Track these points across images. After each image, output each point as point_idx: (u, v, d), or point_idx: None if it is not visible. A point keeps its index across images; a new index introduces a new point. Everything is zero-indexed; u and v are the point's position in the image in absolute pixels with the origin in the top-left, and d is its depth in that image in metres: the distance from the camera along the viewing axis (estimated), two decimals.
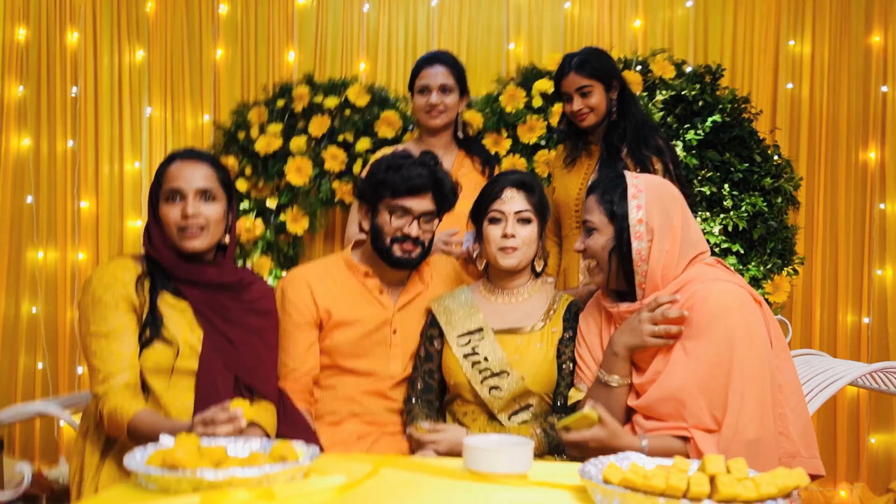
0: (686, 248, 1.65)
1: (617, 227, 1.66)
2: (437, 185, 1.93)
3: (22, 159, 3.43)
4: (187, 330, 1.68)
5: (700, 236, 1.71)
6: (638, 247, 1.63)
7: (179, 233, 1.68)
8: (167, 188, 1.69)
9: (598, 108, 2.28)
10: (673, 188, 1.73)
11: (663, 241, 1.63)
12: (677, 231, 1.64)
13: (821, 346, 3.31)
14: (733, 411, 1.49)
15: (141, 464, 1.24)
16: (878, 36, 3.34)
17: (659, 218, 1.64)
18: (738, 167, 2.98)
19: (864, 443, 3.31)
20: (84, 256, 3.45)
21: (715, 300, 1.55)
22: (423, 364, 1.98)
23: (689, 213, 1.70)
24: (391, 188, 1.89)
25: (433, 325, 1.98)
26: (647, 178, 1.72)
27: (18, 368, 3.42)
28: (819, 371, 2.37)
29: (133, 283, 1.66)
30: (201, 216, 1.68)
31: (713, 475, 1.14)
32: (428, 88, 2.44)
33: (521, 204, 1.87)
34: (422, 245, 1.95)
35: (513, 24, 3.44)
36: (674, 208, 1.66)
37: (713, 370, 1.52)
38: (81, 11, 3.43)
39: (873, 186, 3.35)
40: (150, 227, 1.73)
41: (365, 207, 1.99)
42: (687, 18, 3.40)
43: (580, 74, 2.26)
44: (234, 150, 3.17)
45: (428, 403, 1.97)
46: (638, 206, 1.64)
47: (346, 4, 3.44)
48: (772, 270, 2.99)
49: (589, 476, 1.20)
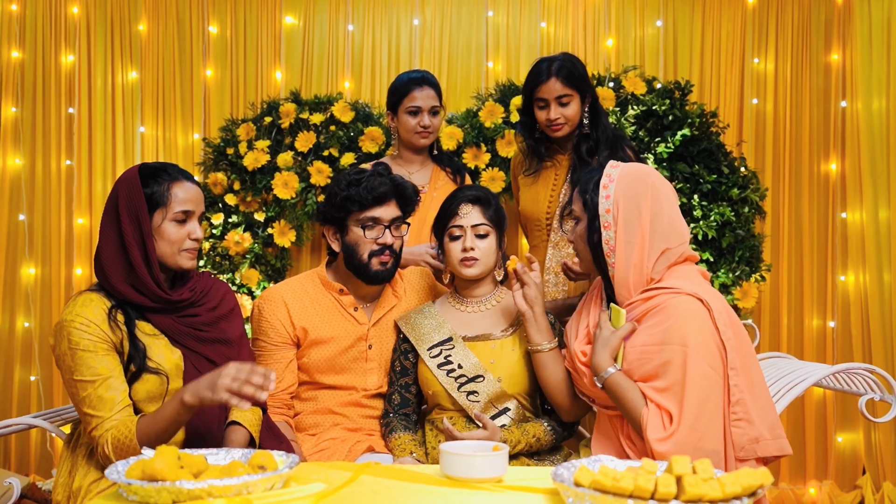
0: (656, 241, 1.64)
1: (590, 217, 1.69)
2: (398, 189, 1.99)
3: (16, 178, 3.51)
4: (168, 352, 1.69)
5: (674, 229, 1.67)
6: (606, 236, 1.64)
7: (182, 252, 1.69)
8: (181, 209, 1.68)
9: (573, 119, 2.23)
10: (650, 179, 1.68)
11: (629, 232, 1.62)
12: (645, 223, 1.63)
13: (788, 349, 3.40)
14: (689, 419, 1.51)
15: (121, 475, 1.24)
16: (836, 54, 3.48)
17: (625, 208, 1.63)
18: (707, 179, 3.11)
19: (831, 442, 3.42)
20: (82, 272, 3.52)
21: (674, 309, 1.59)
22: (398, 378, 2.01)
23: (666, 205, 1.66)
24: (358, 202, 1.94)
25: (406, 341, 2.01)
26: (624, 168, 1.70)
27: (13, 382, 3.48)
28: (785, 373, 2.42)
29: (106, 319, 1.63)
30: (201, 238, 1.74)
31: (679, 476, 1.17)
32: (419, 110, 2.48)
33: (477, 218, 1.93)
34: (395, 254, 2.01)
35: (491, 42, 3.56)
36: (643, 199, 1.64)
37: (664, 353, 1.57)
38: (75, 33, 3.53)
39: (835, 196, 3.46)
40: (107, 257, 1.66)
41: (332, 229, 2.02)
42: (657, 37, 3.53)
43: (561, 82, 2.19)
44: (223, 165, 3.27)
45: (405, 417, 2.01)
46: (607, 196, 1.65)
47: (332, 24, 3.56)
48: (740, 277, 3.11)
49: (561, 479, 1.22)
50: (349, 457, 1.94)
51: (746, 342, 1.63)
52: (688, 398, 1.53)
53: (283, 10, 3.56)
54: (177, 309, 1.72)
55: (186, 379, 1.69)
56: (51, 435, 3.43)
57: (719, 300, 1.63)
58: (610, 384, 1.62)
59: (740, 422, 1.56)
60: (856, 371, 2.36)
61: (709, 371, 1.56)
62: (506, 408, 1.91)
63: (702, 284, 1.66)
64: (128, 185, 1.67)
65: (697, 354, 1.55)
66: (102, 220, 1.71)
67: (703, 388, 1.54)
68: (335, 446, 1.97)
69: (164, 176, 1.70)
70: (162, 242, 1.68)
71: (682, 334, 1.56)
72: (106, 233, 1.68)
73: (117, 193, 1.68)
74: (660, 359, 1.58)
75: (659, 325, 1.60)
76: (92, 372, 1.59)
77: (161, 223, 1.68)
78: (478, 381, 1.90)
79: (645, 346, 1.61)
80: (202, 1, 3.56)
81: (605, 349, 1.63)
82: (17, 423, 2.00)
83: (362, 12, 3.56)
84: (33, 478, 3.44)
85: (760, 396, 1.59)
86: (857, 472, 3.41)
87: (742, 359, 1.59)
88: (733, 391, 1.55)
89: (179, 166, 1.76)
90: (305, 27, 3.57)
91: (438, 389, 1.93)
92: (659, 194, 1.67)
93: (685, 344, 1.55)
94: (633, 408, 1.59)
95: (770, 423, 1.58)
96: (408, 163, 2.57)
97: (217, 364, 1.72)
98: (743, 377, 1.57)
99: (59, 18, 3.52)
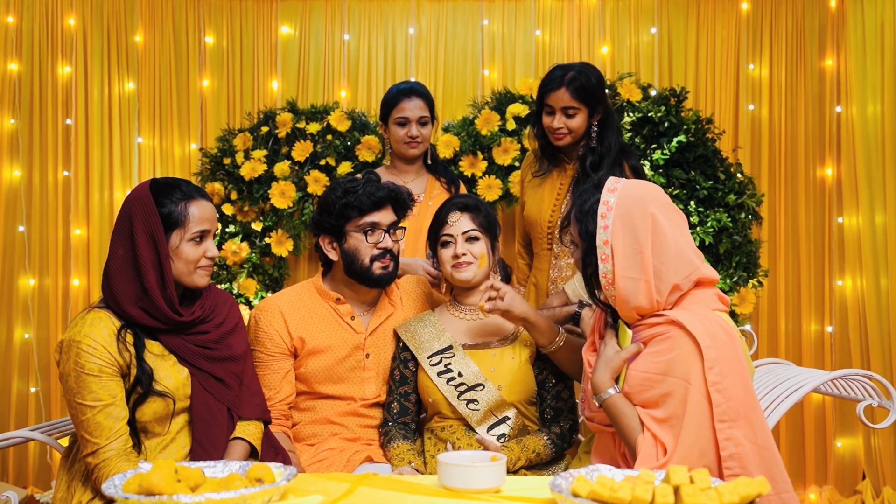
0: (666, 276, 1.55)
1: (585, 247, 1.62)
2: (394, 194, 2.02)
3: (13, 189, 3.52)
4: (175, 372, 1.69)
5: (682, 260, 1.57)
6: (603, 269, 1.57)
7: (197, 271, 1.69)
8: (198, 229, 1.67)
9: (577, 131, 2.25)
10: (650, 207, 1.57)
11: (629, 267, 1.54)
12: (647, 258, 1.54)
13: (786, 354, 3.40)
14: (680, 458, 1.47)
15: (118, 489, 1.24)
16: (830, 59, 3.49)
17: (623, 239, 1.55)
18: (703, 185, 3.11)
19: (830, 447, 3.42)
20: (79, 283, 3.53)
21: (681, 341, 1.52)
22: (398, 387, 2.01)
23: (671, 235, 1.57)
24: (357, 207, 1.96)
25: (405, 349, 2.01)
26: (622, 194, 1.59)
27: (11, 393, 3.48)
28: (783, 379, 2.41)
29: (114, 341, 1.61)
30: (217, 256, 1.74)
31: (677, 486, 1.16)
32: (407, 121, 2.52)
33: (467, 224, 1.95)
34: (395, 257, 2.03)
35: (487, 50, 3.58)
36: (643, 231, 1.55)
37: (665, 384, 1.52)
38: (72, 44, 3.54)
39: (831, 201, 3.47)
40: (118, 280, 1.62)
41: (328, 238, 2.03)
42: (652, 44, 3.55)
43: (570, 94, 2.20)
44: (220, 175, 3.27)
45: (404, 426, 2.00)
46: (605, 226, 1.57)
47: (328, 34, 3.57)
48: (738, 283, 3.11)
49: (559, 489, 1.21)
50: (347, 467, 1.94)
51: (746, 388, 1.52)
52: (684, 434, 1.48)
53: (280, 20, 3.58)
54: (187, 329, 1.71)
55: (193, 397, 1.70)
56: (49, 447, 3.43)
57: (720, 339, 1.51)
58: (608, 406, 1.59)
59: (735, 478, 1.46)
60: (854, 377, 2.35)
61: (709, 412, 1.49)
62: (505, 416, 1.91)
63: (706, 317, 1.54)
64: (142, 205, 1.63)
65: (699, 392, 1.49)
66: (113, 241, 1.67)
67: (702, 427, 1.48)
68: (333, 456, 1.97)
69: (177, 194, 1.67)
70: (179, 262, 1.66)
71: (686, 370, 1.50)
72: (117, 254, 1.65)
73: (131, 214, 1.64)
74: (661, 389, 1.53)
75: (664, 353, 1.54)
76: (93, 397, 1.58)
77: (179, 244, 1.66)
78: (478, 389, 1.91)
79: (648, 373, 1.56)
80: (198, 11, 3.57)
81: (607, 369, 1.60)
82: (16, 437, 2.00)
83: (358, 21, 3.57)
84: (31, 490, 3.43)
85: (764, 448, 1.49)
86: (856, 477, 3.40)
87: (739, 408, 1.49)
88: (724, 445, 1.46)
89: (190, 182, 1.73)
90: (301, 37, 3.58)
91: (438, 398, 1.93)
92: (660, 225, 1.56)
93: (688, 380, 1.50)
94: (628, 433, 1.56)
95: (773, 476, 1.47)
96: (402, 173, 2.59)
97: (224, 382, 1.74)
98: (739, 429, 1.47)
99: (56, 30, 3.53)
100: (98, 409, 1.58)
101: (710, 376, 1.48)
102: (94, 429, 1.58)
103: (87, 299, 3.53)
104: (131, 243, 1.63)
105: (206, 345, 1.73)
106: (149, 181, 1.70)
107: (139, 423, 1.66)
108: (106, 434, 1.58)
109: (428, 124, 2.56)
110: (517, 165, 3.18)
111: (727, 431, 1.47)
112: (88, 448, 1.59)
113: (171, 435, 1.70)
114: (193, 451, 1.69)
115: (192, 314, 1.70)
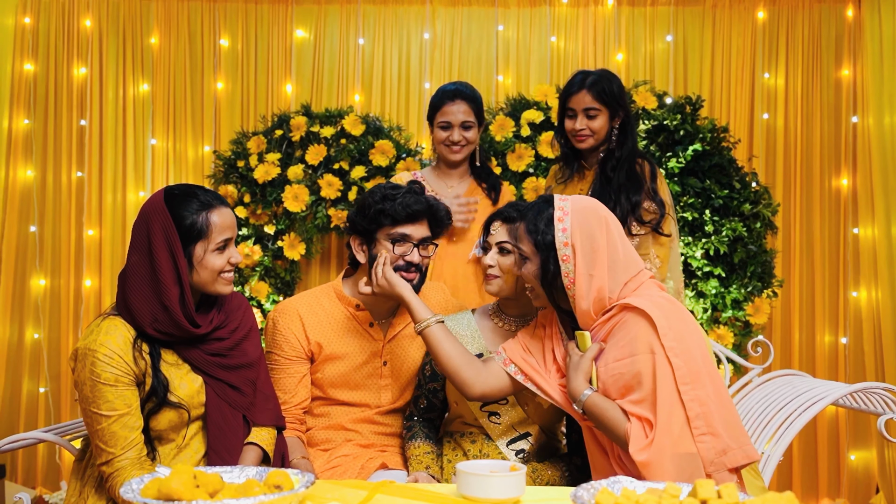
0: (617, 272, 1.65)
1: (542, 256, 1.66)
2: (431, 210, 1.98)
3: (27, 190, 3.53)
4: (190, 381, 1.67)
5: (630, 259, 1.69)
6: (565, 269, 1.64)
7: (220, 278, 1.66)
8: (222, 238, 1.64)
9: (599, 132, 2.29)
10: (601, 209, 1.70)
11: (589, 265, 1.63)
12: (602, 255, 1.64)
13: (800, 365, 3.39)
14: (663, 424, 1.51)
15: (136, 494, 1.23)
16: (847, 69, 3.48)
17: (581, 241, 1.64)
18: (719, 194, 3.10)
19: (844, 460, 3.39)
20: (91, 283, 3.53)
21: (635, 320, 1.60)
22: (427, 382, 1.99)
23: (618, 236, 1.68)
24: (391, 217, 1.93)
25: None
26: (575, 200, 1.70)
27: (22, 394, 3.48)
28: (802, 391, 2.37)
29: (130, 350, 1.59)
30: (240, 262, 1.72)
31: (704, 500, 1.14)
32: (450, 125, 2.46)
33: (502, 235, 1.92)
34: (421, 271, 1.99)
35: (501, 56, 3.57)
36: (599, 230, 1.65)
37: (633, 365, 1.58)
38: (88, 46, 3.55)
39: (846, 212, 3.45)
40: (137, 296, 1.59)
41: (359, 240, 2.00)
42: (667, 52, 3.54)
43: (591, 96, 2.26)
44: (234, 178, 3.28)
45: (429, 422, 1.99)
46: (563, 229, 1.64)
47: (343, 38, 3.58)
48: (752, 293, 3.10)
49: (581, 501, 1.18)
50: (362, 474, 1.92)
51: (702, 352, 1.60)
52: (660, 401, 1.53)
53: (294, 24, 3.58)
54: (203, 340, 1.68)
55: (208, 405, 1.68)
56: (58, 448, 3.44)
57: (669, 311, 1.61)
58: (589, 406, 1.61)
59: (704, 436, 1.53)
60: (874, 390, 2.33)
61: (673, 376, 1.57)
62: (527, 433, 1.89)
63: (652, 297, 1.64)
64: (160, 220, 1.59)
65: (664, 358, 1.56)
66: (130, 257, 1.63)
67: (672, 390, 1.54)
68: (347, 463, 1.96)
69: (195, 204, 1.62)
70: (203, 272, 1.63)
71: (648, 342, 1.57)
72: (136, 271, 1.61)
73: (149, 229, 1.59)
74: (631, 370, 1.58)
75: (624, 337, 1.61)
76: (109, 406, 1.57)
77: (203, 255, 1.62)
78: (502, 403, 1.88)
79: (616, 360, 1.61)
80: (214, 14, 3.58)
81: (578, 374, 1.64)
82: (28, 438, 1.99)
83: (373, 26, 3.58)
84: (40, 490, 3.43)
85: (723, 406, 1.57)
86: (870, 490, 3.38)
87: (699, 370, 1.57)
88: (690, 406, 1.54)
89: (206, 188, 1.69)
90: (316, 41, 3.58)
91: (462, 404, 1.92)
92: (611, 226, 1.68)
93: (652, 350, 1.56)
94: (615, 426, 1.58)
95: (734, 431, 1.56)
96: (446, 175, 2.56)
97: (239, 389, 1.72)
98: (701, 389, 1.55)
99: (72, 31, 3.55)
100: (113, 419, 1.57)
101: (667, 342, 1.57)
102: (108, 438, 1.57)
103: (98, 300, 3.53)
104: (149, 259, 1.59)
105: (221, 353, 1.71)
106: (162, 192, 1.64)
107: (153, 432, 1.65)
108: (121, 444, 1.57)
109: (473, 128, 2.49)
110: (531, 172, 3.18)
111: (691, 393, 1.54)
112: (103, 457, 1.58)
113: (186, 440, 1.69)
114: (209, 457, 1.68)
115: (210, 323, 1.68)
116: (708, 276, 3.09)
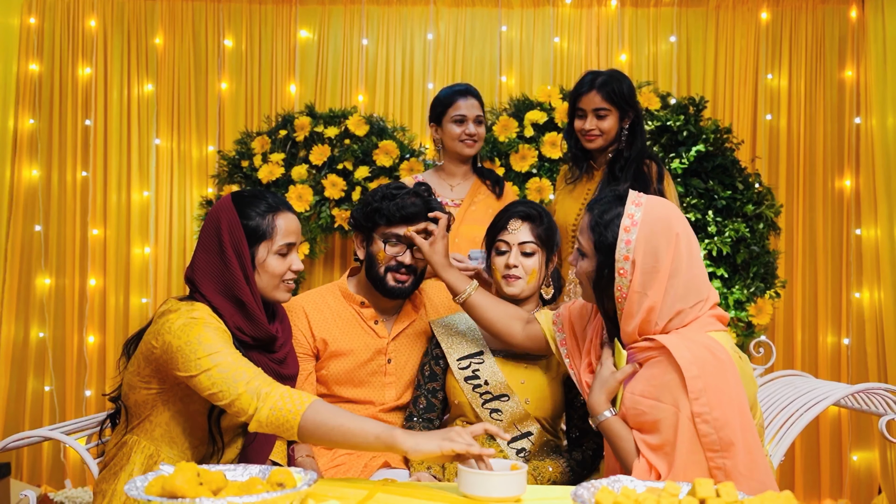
0: (675, 297, 1.51)
1: (600, 259, 1.55)
2: (429, 212, 1.97)
3: (32, 189, 3.54)
4: None
5: (691, 289, 1.52)
6: (619, 283, 1.52)
7: (280, 285, 1.65)
8: (285, 242, 1.63)
9: (609, 133, 2.30)
10: (676, 223, 1.54)
11: (646, 284, 1.50)
12: (663, 274, 1.50)
13: (802, 366, 3.39)
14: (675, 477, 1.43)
15: (140, 491, 1.23)
16: (850, 70, 3.48)
17: (644, 256, 1.50)
18: (722, 194, 3.11)
19: (846, 460, 3.39)
20: (96, 283, 3.54)
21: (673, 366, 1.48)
22: (426, 382, 1.99)
23: (687, 260, 1.52)
24: (386, 216, 1.93)
25: (438, 346, 1.98)
26: (649, 209, 1.53)
27: (27, 392, 3.49)
28: (804, 391, 2.38)
29: None
30: (301, 270, 1.70)
31: (703, 499, 1.14)
32: (465, 118, 2.49)
33: (525, 235, 1.89)
34: (414, 273, 1.99)
35: (505, 57, 3.58)
36: (666, 251, 1.50)
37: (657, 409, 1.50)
38: (93, 46, 3.56)
39: (849, 213, 3.46)
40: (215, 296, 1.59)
41: (360, 236, 2.02)
42: (670, 53, 3.55)
43: (601, 96, 2.27)
44: (238, 178, 3.29)
45: (429, 422, 1.98)
46: (627, 241, 1.51)
47: (346, 38, 3.58)
48: (755, 293, 3.10)
49: (581, 500, 1.18)
50: (365, 472, 1.93)
51: (742, 418, 1.47)
52: (677, 462, 1.46)
53: (298, 24, 3.59)
54: (272, 346, 1.67)
55: None
56: (63, 446, 3.45)
57: (710, 367, 1.46)
58: (604, 428, 1.57)
59: None
60: (875, 391, 2.33)
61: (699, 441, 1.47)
62: (528, 431, 1.89)
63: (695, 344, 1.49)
64: (228, 219, 1.59)
65: (689, 420, 1.46)
66: (199, 258, 1.62)
67: (693, 454, 1.46)
68: (351, 461, 1.96)
69: (262, 206, 1.63)
70: (265, 276, 1.62)
71: (675, 397, 1.47)
72: (207, 269, 1.60)
73: (219, 229, 1.59)
74: (653, 415, 1.50)
75: (657, 377, 1.51)
76: (223, 340, 1.53)
77: (266, 257, 1.62)
78: (503, 399, 1.88)
79: (643, 396, 1.53)
80: (218, 14, 3.59)
81: (603, 391, 1.58)
82: (34, 436, 2.00)
83: (377, 27, 3.58)
84: (45, 488, 3.44)
85: (752, 478, 1.44)
86: (872, 491, 3.38)
87: (733, 439, 1.45)
88: (714, 474, 1.44)
89: (275, 193, 1.69)
90: (320, 41, 3.59)
91: (464, 401, 1.91)
92: (680, 244, 1.52)
93: (678, 406, 1.47)
94: (624, 457, 1.54)
95: None
96: (450, 175, 2.58)
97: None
98: (730, 459, 1.44)
99: (77, 32, 3.56)
100: (227, 351, 1.50)
101: (696, 407, 1.45)
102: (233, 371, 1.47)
103: (103, 299, 3.54)
104: (220, 258, 1.59)
105: (278, 361, 1.69)
106: (230, 194, 1.65)
107: (222, 427, 1.64)
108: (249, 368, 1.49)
109: (483, 124, 2.55)
110: (535, 172, 3.19)
111: (718, 461, 1.44)
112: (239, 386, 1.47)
113: (226, 444, 1.70)
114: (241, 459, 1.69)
115: (276, 331, 1.66)
116: (711, 277, 3.09)
